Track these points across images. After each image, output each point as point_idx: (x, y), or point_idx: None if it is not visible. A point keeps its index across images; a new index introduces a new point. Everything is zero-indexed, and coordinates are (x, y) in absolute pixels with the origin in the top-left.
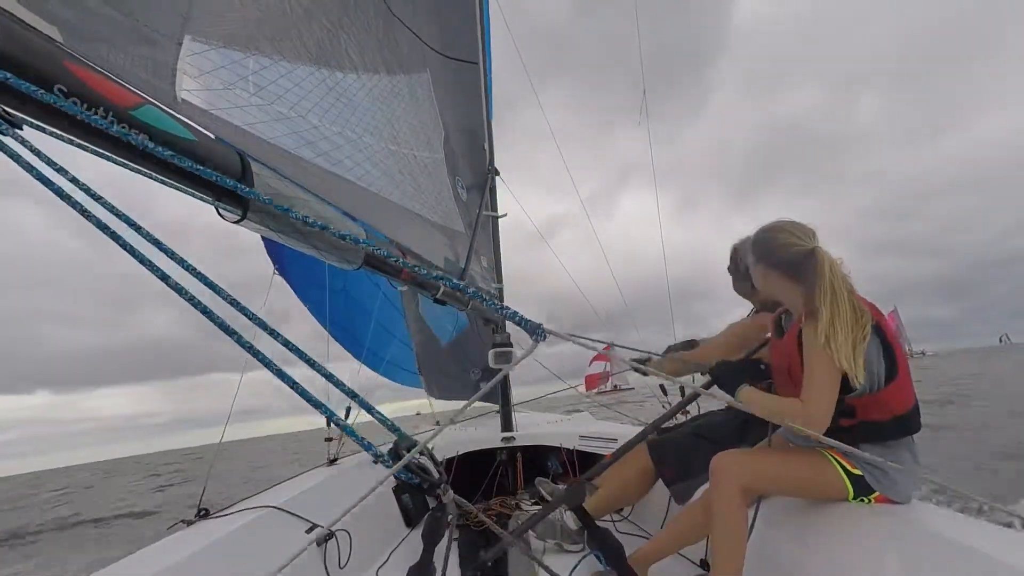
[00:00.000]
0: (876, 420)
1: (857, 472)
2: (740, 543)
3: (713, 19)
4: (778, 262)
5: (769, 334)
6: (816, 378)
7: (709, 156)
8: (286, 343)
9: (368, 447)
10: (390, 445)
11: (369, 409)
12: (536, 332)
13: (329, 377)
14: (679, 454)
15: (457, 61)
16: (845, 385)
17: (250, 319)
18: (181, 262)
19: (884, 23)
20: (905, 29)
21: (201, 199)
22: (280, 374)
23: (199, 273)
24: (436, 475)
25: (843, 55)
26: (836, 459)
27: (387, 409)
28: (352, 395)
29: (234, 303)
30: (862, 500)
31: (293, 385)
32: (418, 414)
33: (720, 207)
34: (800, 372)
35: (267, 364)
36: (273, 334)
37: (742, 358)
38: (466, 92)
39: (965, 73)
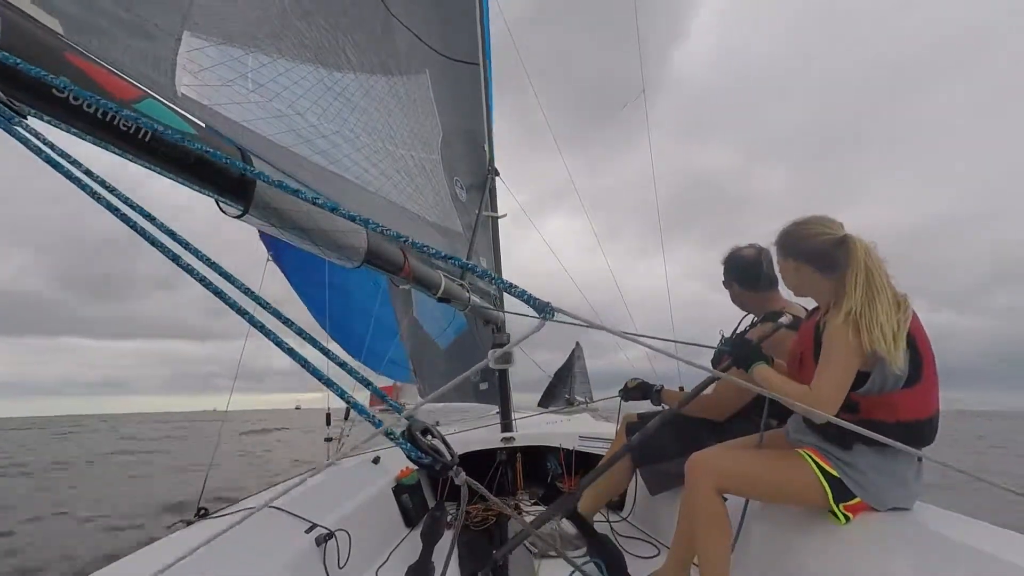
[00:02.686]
0: (879, 421)
1: (834, 473)
2: (722, 542)
3: (653, 59)
4: (809, 253)
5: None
6: (832, 359)
7: (634, 191)
8: (287, 322)
9: (378, 424)
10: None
11: (368, 385)
12: (544, 310)
13: (327, 353)
14: (650, 436)
15: (457, 62)
16: (857, 381)
17: (253, 299)
18: (186, 245)
19: (791, 106)
20: (809, 115)
21: (203, 193)
22: (290, 352)
23: (198, 252)
24: (448, 456)
25: (759, 125)
26: (813, 459)
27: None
28: (355, 374)
29: (232, 280)
30: (839, 507)
31: (304, 363)
32: (297, 408)
33: (638, 243)
34: (812, 361)
35: (277, 343)
36: (275, 314)
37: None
38: (466, 93)
39: (844, 168)
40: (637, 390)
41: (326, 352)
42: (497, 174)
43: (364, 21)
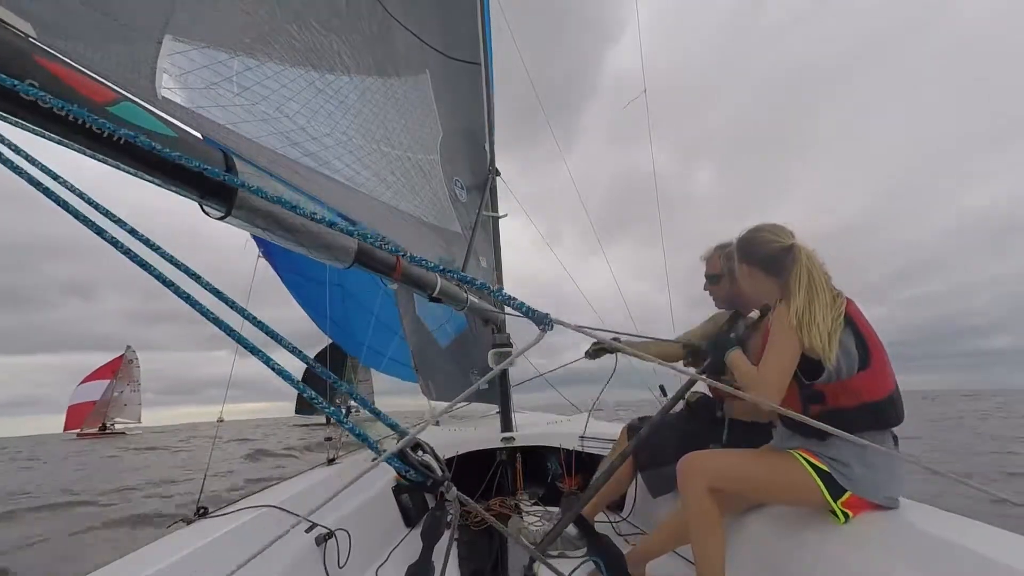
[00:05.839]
0: (844, 407)
1: (824, 468)
2: (715, 541)
3: (588, 62)
4: (759, 258)
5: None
6: (775, 348)
7: (572, 195)
8: (295, 351)
9: (370, 443)
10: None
11: (365, 404)
12: (543, 322)
13: (326, 375)
14: (652, 440)
15: (459, 62)
16: (814, 370)
17: (238, 311)
18: (170, 259)
19: (723, 110)
20: (739, 117)
21: (184, 196)
22: (282, 373)
23: (179, 262)
24: (439, 472)
25: (688, 127)
26: (803, 456)
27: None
28: (351, 393)
29: (217, 293)
30: (836, 503)
31: (295, 383)
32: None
33: (577, 245)
34: None
35: (267, 362)
36: (272, 334)
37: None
38: (468, 93)
39: (769, 167)
40: (601, 350)
41: (329, 376)
42: (498, 174)
43: (360, 22)
